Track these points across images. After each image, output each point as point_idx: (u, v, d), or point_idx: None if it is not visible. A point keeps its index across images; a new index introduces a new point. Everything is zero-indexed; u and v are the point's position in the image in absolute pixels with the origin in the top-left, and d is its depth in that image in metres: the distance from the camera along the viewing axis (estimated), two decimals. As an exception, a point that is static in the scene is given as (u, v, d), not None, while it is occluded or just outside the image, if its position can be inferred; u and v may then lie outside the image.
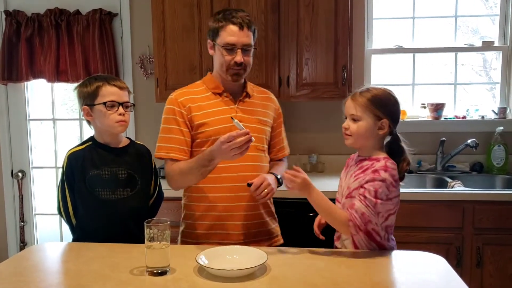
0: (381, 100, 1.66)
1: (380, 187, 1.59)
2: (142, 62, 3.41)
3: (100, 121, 1.87)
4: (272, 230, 2.02)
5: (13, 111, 3.60)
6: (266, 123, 2.00)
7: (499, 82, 3.29)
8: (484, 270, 2.66)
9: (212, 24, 1.89)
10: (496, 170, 3.15)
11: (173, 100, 1.92)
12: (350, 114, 1.68)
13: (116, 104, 1.85)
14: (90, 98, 1.86)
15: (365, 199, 1.59)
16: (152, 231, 1.50)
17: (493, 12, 3.32)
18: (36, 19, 3.37)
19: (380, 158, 1.66)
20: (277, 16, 2.92)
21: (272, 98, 2.11)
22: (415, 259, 1.67)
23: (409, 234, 2.66)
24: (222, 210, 1.89)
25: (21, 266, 1.65)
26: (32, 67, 3.42)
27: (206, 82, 1.98)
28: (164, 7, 2.99)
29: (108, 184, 1.87)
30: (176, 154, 1.87)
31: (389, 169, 1.62)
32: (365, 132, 1.66)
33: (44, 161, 3.72)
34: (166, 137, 1.90)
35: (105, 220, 1.88)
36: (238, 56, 1.85)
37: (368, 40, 3.34)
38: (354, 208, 1.60)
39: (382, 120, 1.66)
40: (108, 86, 1.85)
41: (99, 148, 1.91)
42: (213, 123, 1.88)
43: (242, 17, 1.84)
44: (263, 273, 1.50)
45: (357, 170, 1.69)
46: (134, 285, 1.45)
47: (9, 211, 3.66)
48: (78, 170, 1.87)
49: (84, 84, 1.90)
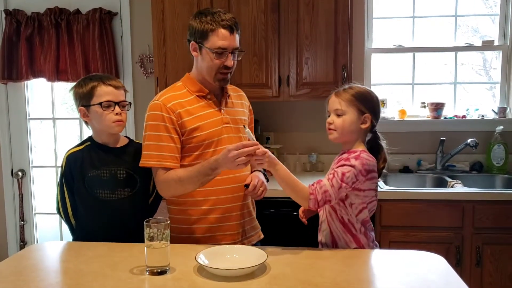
0: (364, 96, 1.73)
1: (348, 171, 1.64)
2: (142, 62, 3.41)
3: (97, 121, 1.86)
4: (257, 224, 2.06)
5: (13, 110, 3.60)
6: (246, 123, 2.00)
7: (499, 82, 3.29)
8: (484, 270, 2.66)
9: (198, 25, 1.81)
10: (496, 170, 3.15)
11: (161, 106, 1.82)
12: (334, 109, 1.73)
13: (112, 104, 1.83)
14: (86, 99, 1.85)
15: (332, 178, 1.64)
16: (152, 230, 1.51)
17: (493, 12, 3.32)
18: (36, 18, 3.37)
19: (357, 150, 1.71)
20: (277, 15, 2.92)
21: (244, 96, 2.09)
22: (415, 258, 1.67)
23: (409, 234, 2.66)
24: (222, 212, 1.87)
25: (21, 265, 1.65)
26: (32, 66, 3.42)
27: (187, 84, 1.91)
28: (164, 6, 2.99)
29: (107, 185, 1.87)
30: (168, 162, 1.80)
31: (361, 158, 1.67)
32: (349, 126, 1.71)
33: (44, 160, 3.72)
34: (155, 145, 1.80)
35: (105, 220, 1.88)
36: (229, 60, 1.81)
37: (368, 40, 3.34)
38: (320, 184, 1.64)
39: (365, 114, 1.71)
40: (103, 86, 1.83)
41: (98, 148, 1.90)
42: (205, 127, 1.84)
43: (230, 20, 1.80)
44: (263, 273, 1.50)
45: (337, 162, 1.73)
46: (133, 284, 1.45)
47: (9, 210, 3.66)
48: (77, 170, 1.87)
49: (79, 84, 1.88)
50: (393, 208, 2.67)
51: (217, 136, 1.86)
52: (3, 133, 3.60)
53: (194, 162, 1.83)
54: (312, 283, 1.43)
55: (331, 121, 1.74)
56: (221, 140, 1.87)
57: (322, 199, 1.63)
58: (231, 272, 1.45)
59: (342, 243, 1.74)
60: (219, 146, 1.86)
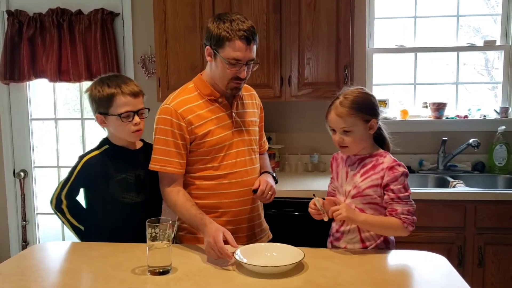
0: (363, 103, 1.70)
1: (404, 181, 1.68)
2: (143, 62, 3.42)
3: (115, 130, 1.84)
4: (266, 226, 2.06)
5: (15, 110, 3.61)
6: (255, 124, 2.00)
7: (501, 82, 3.28)
8: (486, 270, 2.65)
9: (216, 30, 1.75)
10: (498, 170, 3.14)
11: (171, 111, 1.81)
12: (340, 128, 1.70)
13: (131, 114, 1.80)
14: (104, 106, 1.80)
15: (400, 199, 1.66)
16: (154, 231, 1.51)
17: (495, 12, 3.32)
18: (38, 19, 3.37)
19: (381, 153, 1.73)
20: (278, 15, 2.92)
21: (255, 95, 2.07)
22: (417, 258, 1.67)
23: (411, 234, 2.65)
24: (231, 216, 1.87)
25: (23, 265, 1.66)
26: (34, 67, 3.43)
27: (199, 87, 1.89)
28: (166, 7, 2.99)
29: (133, 187, 1.86)
30: (172, 168, 1.81)
31: (399, 162, 1.70)
32: (360, 139, 1.71)
33: (46, 161, 3.73)
34: (162, 150, 1.82)
35: (128, 223, 1.86)
36: (243, 72, 1.78)
37: (370, 40, 3.34)
38: (400, 212, 1.66)
39: (371, 121, 1.70)
40: (122, 97, 1.78)
41: (119, 152, 1.87)
42: (216, 132, 1.84)
43: (248, 30, 1.74)
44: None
45: (361, 168, 1.73)
46: (135, 284, 1.46)
47: (11, 211, 3.67)
48: (99, 175, 1.83)
49: (96, 88, 1.81)
50: (395, 208, 2.67)
51: (229, 141, 1.86)
52: (5, 133, 3.60)
53: (206, 166, 1.85)
54: (314, 283, 1.43)
55: (341, 140, 1.71)
56: (232, 144, 1.86)
57: (413, 218, 1.68)
58: (268, 269, 1.49)
59: (371, 243, 1.75)
60: (230, 150, 1.86)
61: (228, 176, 1.85)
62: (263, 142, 2.12)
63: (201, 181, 1.87)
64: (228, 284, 1.45)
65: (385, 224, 1.68)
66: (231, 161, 1.86)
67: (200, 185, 1.87)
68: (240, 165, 1.87)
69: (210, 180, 1.86)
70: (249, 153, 1.92)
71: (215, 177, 1.85)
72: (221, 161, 1.84)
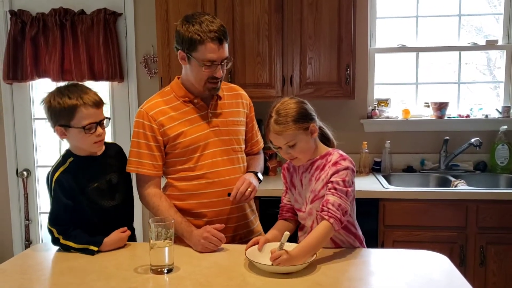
0: (296, 114, 1.65)
1: (346, 175, 1.63)
2: (146, 62, 3.43)
3: (77, 141, 1.77)
4: (256, 228, 2.01)
5: (18, 110, 3.62)
6: (239, 123, 1.97)
7: (503, 81, 3.28)
8: (488, 269, 2.66)
9: (186, 34, 1.74)
10: (500, 169, 3.14)
11: (143, 114, 1.84)
12: (284, 144, 1.66)
13: (94, 126, 1.73)
14: (65, 119, 1.72)
15: (336, 191, 1.61)
16: (157, 230, 1.51)
17: (497, 11, 3.31)
18: (40, 19, 3.38)
19: (330, 151, 1.71)
20: (280, 15, 2.93)
21: (242, 94, 2.04)
22: (419, 258, 1.67)
23: (413, 233, 2.66)
24: (212, 216, 1.86)
25: (26, 264, 1.67)
26: (37, 67, 3.44)
27: (174, 90, 1.90)
28: (168, 7, 3.00)
29: (107, 193, 1.83)
30: (145, 169, 1.83)
31: (346, 157, 1.67)
32: (307, 147, 1.68)
33: (49, 160, 3.73)
34: (135, 152, 1.84)
35: (109, 225, 1.83)
36: (218, 71, 1.78)
37: (372, 39, 3.34)
38: (330, 203, 1.59)
39: (310, 127, 1.66)
40: (84, 109, 1.69)
41: (86, 162, 1.81)
42: (189, 132, 1.83)
43: (219, 30, 1.73)
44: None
45: (314, 171, 1.71)
46: (138, 283, 1.46)
47: (14, 210, 3.68)
48: (73, 189, 1.77)
49: (55, 100, 1.74)
50: (396, 208, 2.67)
51: (204, 141, 1.84)
52: (8, 133, 3.61)
53: (183, 167, 1.85)
54: (315, 282, 1.44)
55: (289, 154, 1.68)
56: (207, 144, 1.85)
57: (341, 215, 1.59)
58: (278, 269, 1.49)
59: (347, 245, 1.74)
60: (206, 150, 1.85)
61: (205, 176, 1.84)
62: (255, 142, 2.09)
63: (179, 182, 1.87)
64: (231, 283, 1.45)
65: (318, 235, 1.57)
66: (208, 161, 1.85)
67: (179, 186, 1.87)
68: (218, 164, 1.86)
69: (188, 181, 1.85)
70: (228, 152, 1.89)
71: (192, 177, 1.85)
72: (196, 161, 1.84)
